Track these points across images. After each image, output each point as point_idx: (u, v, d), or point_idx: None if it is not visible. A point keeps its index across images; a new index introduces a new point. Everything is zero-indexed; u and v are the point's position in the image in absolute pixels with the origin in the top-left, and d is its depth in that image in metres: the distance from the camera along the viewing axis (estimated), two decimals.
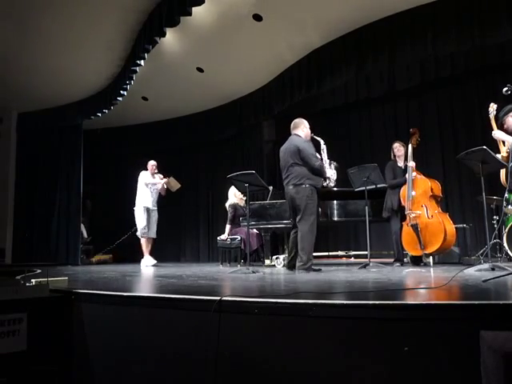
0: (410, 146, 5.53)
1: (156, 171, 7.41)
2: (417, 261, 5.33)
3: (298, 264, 4.47)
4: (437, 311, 1.83)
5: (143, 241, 7.19)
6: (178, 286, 3.30)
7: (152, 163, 7.41)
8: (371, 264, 4.99)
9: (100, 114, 8.48)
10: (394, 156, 5.75)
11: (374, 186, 5.42)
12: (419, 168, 5.55)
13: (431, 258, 5.37)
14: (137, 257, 8.15)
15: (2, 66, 7.53)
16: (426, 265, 5.31)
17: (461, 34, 5.31)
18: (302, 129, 4.85)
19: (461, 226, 5.83)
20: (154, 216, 7.29)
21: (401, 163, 5.72)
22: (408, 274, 3.94)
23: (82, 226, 9.41)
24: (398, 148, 5.74)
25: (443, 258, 5.69)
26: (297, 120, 4.92)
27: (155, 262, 7.13)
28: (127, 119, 9.64)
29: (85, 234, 9.41)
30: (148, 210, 7.22)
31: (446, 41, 5.43)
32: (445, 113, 7.46)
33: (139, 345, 2.44)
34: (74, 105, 8.76)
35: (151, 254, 7.22)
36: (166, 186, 7.39)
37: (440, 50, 5.59)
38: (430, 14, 5.52)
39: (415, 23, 5.64)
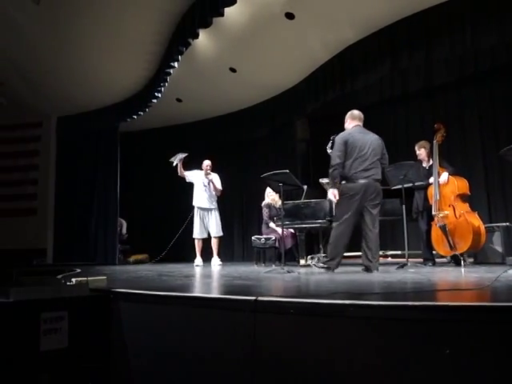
0: (434, 143, 5.40)
1: (209, 171, 7.43)
2: (458, 260, 5.19)
3: (374, 264, 4.37)
4: (479, 313, 1.78)
5: (195, 241, 7.28)
6: (213, 286, 3.33)
7: (205, 163, 7.45)
8: (409, 264, 4.90)
9: (136, 117, 8.65)
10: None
11: (411, 185, 5.31)
12: (459, 165, 5.42)
13: (473, 257, 5.25)
14: (173, 256, 8.26)
15: (41, 71, 7.80)
16: (468, 264, 5.16)
17: (502, 25, 5.13)
18: None
19: (504, 224, 5.63)
20: (212, 215, 7.33)
21: (425, 164, 5.64)
22: (449, 275, 3.84)
23: (124, 222, 9.62)
24: (417, 152, 5.70)
25: (486, 257, 5.52)
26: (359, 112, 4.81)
27: (200, 263, 7.17)
28: (161, 121, 9.80)
29: (124, 230, 9.61)
30: (200, 210, 7.30)
31: (486, 33, 5.26)
32: (485, 107, 7.22)
33: (175, 344, 2.47)
34: (110, 107, 8.97)
35: (218, 254, 7.36)
36: (212, 184, 7.34)
37: (480, 42, 5.41)
38: (469, 5, 5.35)
39: (453, 16, 5.48)
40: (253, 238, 7.09)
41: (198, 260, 7.23)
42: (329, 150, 5.72)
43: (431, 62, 6.69)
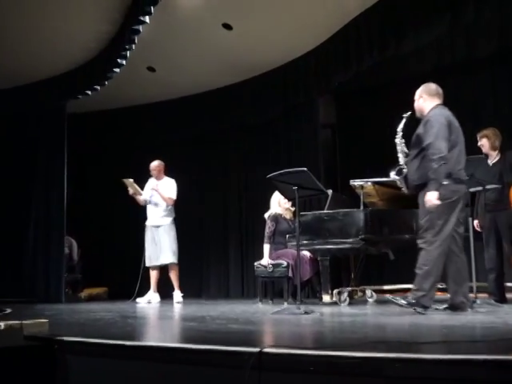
0: None
1: (157, 174, 7.72)
2: None
3: (468, 301, 4.44)
4: None
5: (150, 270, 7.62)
6: (199, 333, 3.33)
7: (152, 165, 7.79)
8: (478, 301, 4.88)
9: (90, 92, 8.64)
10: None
11: (480, 188, 5.30)
12: None
13: None
14: (141, 290, 8.26)
15: None
16: None
17: None
18: None
19: None
20: (159, 236, 7.59)
21: (490, 159, 5.68)
22: None
23: (74, 242, 9.63)
24: (478, 143, 5.71)
25: None
26: None
27: (150, 300, 7.41)
28: (127, 98, 9.80)
29: (75, 253, 9.61)
30: (150, 228, 7.64)
31: None
32: None
33: None
34: (54, 80, 8.94)
35: (180, 287, 7.63)
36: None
37: None
38: None
39: None
40: (256, 264, 7.08)
41: (149, 295, 7.48)
42: (399, 139, 5.60)
43: (507, 15, 6.69)
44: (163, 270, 7.73)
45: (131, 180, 7.80)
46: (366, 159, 8.27)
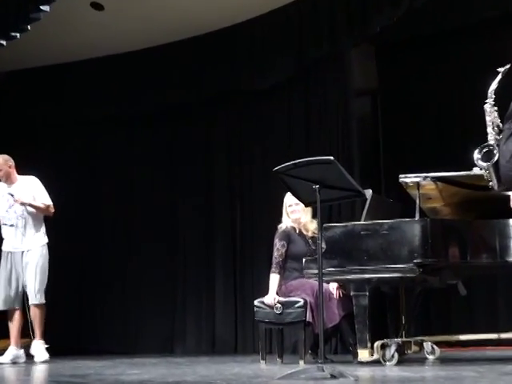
0: None
1: (5, 176, 7.58)
2: None
3: None
4: None
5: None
6: None
7: None
8: None
9: (5, 43, 8.67)
10: None
11: None
12: None
13: None
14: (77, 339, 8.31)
15: None
16: None
17: None
18: None
19: None
20: (27, 262, 7.48)
21: None
22: None
23: None
24: None
25: None
26: None
27: (11, 359, 7.36)
28: (62, 51, 9.84)
29: None
30: (9, 255, 7.56)
31: None
32: None
33: None
34: None
35: (43, 335, 7.44)
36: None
37: None
38: None
39: None
40: (256, 303, 7.10)
41: (10, 352, 7.39)
42: (489, 106, 5.56)
43: None
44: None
45: None
46: (423, 143, 8.29)
